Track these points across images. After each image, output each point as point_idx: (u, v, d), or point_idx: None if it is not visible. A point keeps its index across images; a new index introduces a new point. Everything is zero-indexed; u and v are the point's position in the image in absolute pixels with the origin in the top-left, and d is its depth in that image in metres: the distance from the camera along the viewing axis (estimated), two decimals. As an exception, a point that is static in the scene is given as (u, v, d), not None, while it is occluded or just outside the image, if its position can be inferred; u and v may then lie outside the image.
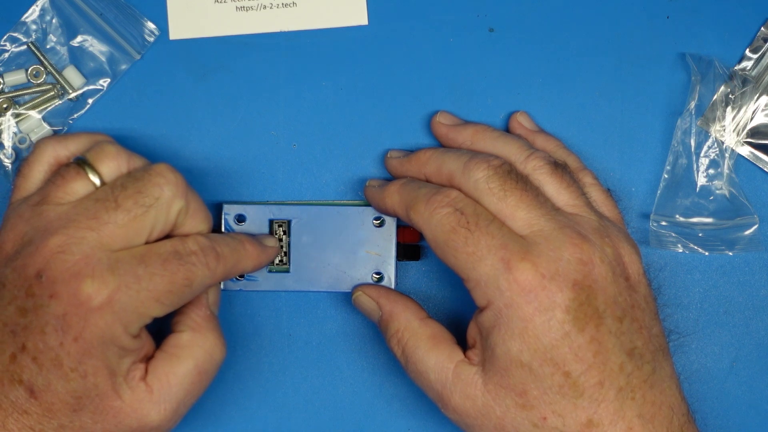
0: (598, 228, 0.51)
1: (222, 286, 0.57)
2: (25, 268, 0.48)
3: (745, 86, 0.58)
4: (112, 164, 0.51)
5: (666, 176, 0.58)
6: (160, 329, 0.52)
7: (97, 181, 0.50)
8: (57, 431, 0.48)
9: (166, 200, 0.50)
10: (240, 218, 0.57)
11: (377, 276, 0.57)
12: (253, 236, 0.55)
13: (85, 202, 0.49)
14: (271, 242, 0.56)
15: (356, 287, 0.57)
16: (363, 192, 0.57)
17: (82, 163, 0.51)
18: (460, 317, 0.59)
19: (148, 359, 0.51)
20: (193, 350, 0.51)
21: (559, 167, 0.53)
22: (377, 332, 0.59)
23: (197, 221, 0.52)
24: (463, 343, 0.52)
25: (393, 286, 0.57)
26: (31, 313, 0.48)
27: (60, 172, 0.51)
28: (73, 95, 0.59)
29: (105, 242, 0.48)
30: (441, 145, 0.58)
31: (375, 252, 0.57)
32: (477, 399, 0.50)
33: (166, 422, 0.50)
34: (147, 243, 0.50)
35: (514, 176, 0.51)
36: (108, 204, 0.49)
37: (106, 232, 0.48)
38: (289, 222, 0.57)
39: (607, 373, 0.48)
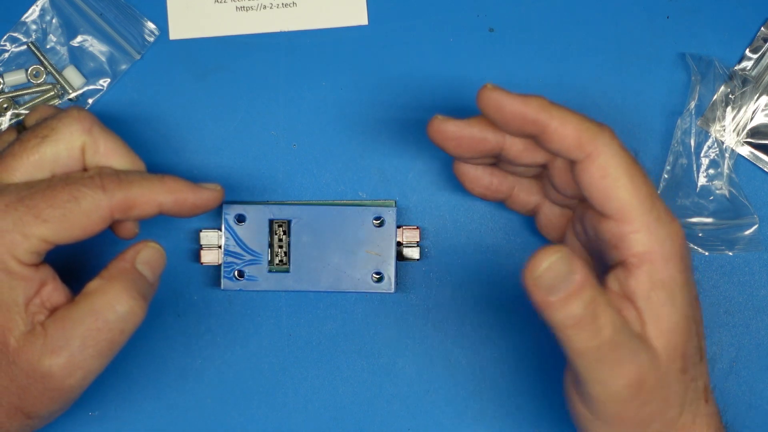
0: None
1: (222, 286, 0.57)
2: None
3: (745, 86, 0.58)
4: (37, 116, 0.53)
5: (666, 176, 0.58)
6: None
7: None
8: None
9: (64, 132, 0.50)
10: (240, 218, 0.57)
11: (377, 276, 0.57)
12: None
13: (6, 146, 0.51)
14: (212, 185, 0.52)
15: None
16: (483, 97, 0.48)
17: (18, 124, 0.53)
18: (460, 317, 0.59)
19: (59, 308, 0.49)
20: (95, 298, 0.48)
21: None
22: (377, 332, 0.59)
23: (113, 160, 0.51)
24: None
25: (393, 286, 0.57)
26: None
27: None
28: (73, 95, 0.59)
29: (3, 174, 0.49)
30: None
31: (375, 252, 0.57)
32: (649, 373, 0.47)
33: (59, 371, 0.47)
34: None
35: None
36: (13, 141, 0.50)
37: (4, 163, 0.49)
38: (289, 222, 0.57)
39: (703, 340, 0.50)
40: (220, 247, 0.57)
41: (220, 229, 0.57)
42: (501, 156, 0.51)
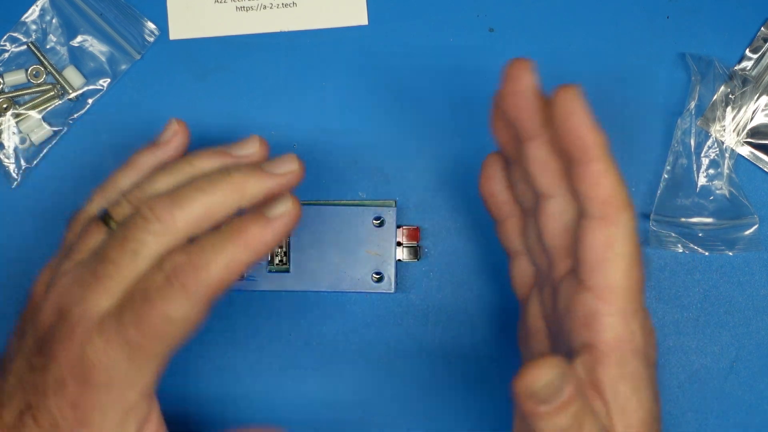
0: None
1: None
2: (41, 324, 0.46)
3: (745, 86, 0.58)
4: (126, 210, 0.47)
5: (666, 176, 0.58)
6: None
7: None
8: None
9: (154, 239, 0.45)
10: (240, 218, 0.57)
11: (377, 276, 0.57)
12: (259, 210, 0.46)
13: (90, 256, 0.47)
14: (281, 206, 0.46)
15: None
16: (560, 96, 0.45)
17: (104, 215, 0.48)
18: (460, 317, 0.59)
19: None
20: None
21: None
22: (377, 332, 0.59)
23: (190, 212, 0.46)
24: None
25: (393, 286, 0.57)
26: (38, 371, 0.45)
27: (85, 225, 0.48)
28: (73, 95, 0.59)
29: (100, 299, 0.45)
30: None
31: (375, 252, 0.57)
32: None
33: None
34: None
35: None
36: (102, 256, 0.46)
37: (101, 287, 0.45)
38: (289, 222, 0.57)
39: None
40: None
41: (220, 229, 0.57)
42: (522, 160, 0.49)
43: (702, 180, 0.58)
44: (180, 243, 0.45)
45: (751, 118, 0.58)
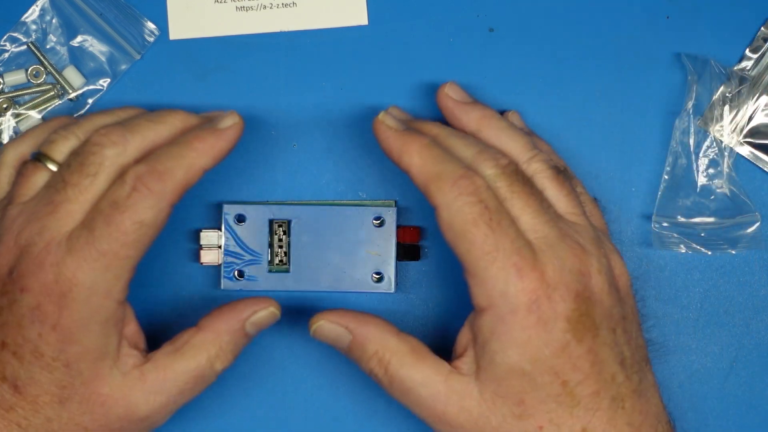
0: (594, 238, 0.51)
1: (222, 286, 0.57)
2: None
3: (743, 85, 0.58)
4: (64, 148, 0.51)
5: (666, 177, 0.58)
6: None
7: (54, 168, 0.51)
8: (44, 425, 0.48)
9: (111, 162, 0.49)
10: (240, 218, 0.57)
11: (377, 276, 0.57)
12: (207, 125, 0.52)
13: (41, 191, 0.50)
14: (228, 120, 0.52)
15: (313, 317, 0.53)
16: (373, 126, 0.52)
17: (39, 156, 0.51)
18: (459, 318, 0.59)
19: (142, 347, 0.51)
20: (199, 352, 0.51)
21: (560, 173, 0.52)
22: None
23: (142, 139, 0.51)
24: (441, 354, 0.52)
25: (393, 286, 0.57)
26: (6, 310, 0.48)
27: (20, 170, 0.52)
28: (73, 95, 0.59)
29: (64, 222, 0.48)
30: (446, 119, 0.56)
31: (375, 252, 0.57)
32: (473, 410, 0.50)
33: (154, 415, 0.50)
34: None
35: (520, 178, 0.50)
36: (58, 185, 0.49)
37: (63, 211, 0.48)
38: (289, 222, 0.57)
39: (602, 383, 0.49)
40: (220, 247, 0.57)
41: (220, 229, 0.57)
42: None
43: (702, 179, 0.58)
44: (132, 164, 0.49)
45: (751, 118, 0.58)
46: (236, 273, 0.57)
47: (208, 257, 0.57)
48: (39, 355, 0.48)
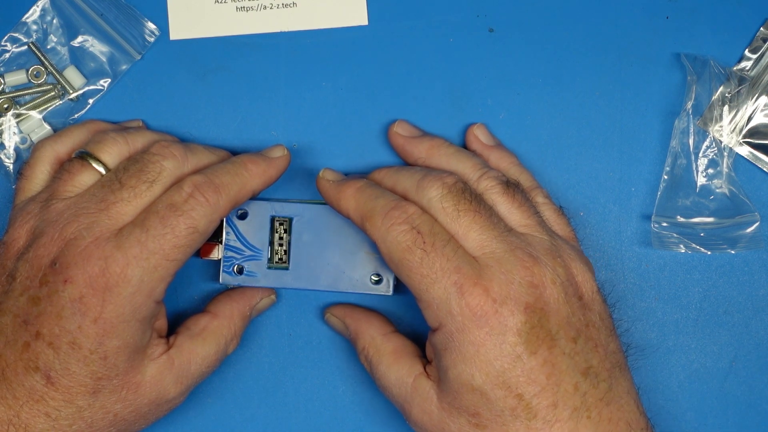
0: (550, 248, 0.51)
1: (221, 280, 0.57)
2: (39, 259, 0.49)
3: (743, 86, 0.58)
4: (113, 151, 0.53)
5: (666, 177, 0.58)
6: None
7: (101, 169, 0.52)
8: (75, 414, 0.49)
9: (169, 173, 0.51)
10: (242, 214, 0.57)
11: (376, 278, 0.57)
12: (257, 153, 0.55)
13: (92, 189, 0.51)
14: (278, 152, 0.56)
15: (326, 308, 0.58)
16: (316, 183, 0.55)
17: (85, 155, 0.53)
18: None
19: (165, 336, 0.53)
20: (218, 337, 0.54)
21: (511, 186, 0.53)
22: (377, 332, 0.59)
23: (199, 160, 0.53)
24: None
25: (391, 289, 0.57)
26: (45, 300, 0.49)
27: (65, 167, 0.53)
28: (73, 95, 0.59)
29: (115, 221, 0.50)
30: (398, 155, 0.58)
31: (375, 253, 0.57)
32: (433, 414, 0.51)
33: (179, 396, 0.53)
34: None
35: (468, 195, 0.51)
36: (113, 185, 0.51)
37: (115, 210, 0.50)
38: (290, 219, 0.57)
39: (560, 395, 0.49)
40: (220, 242, 0.57)
41: (221, 227, 0.57)
42: None
43: (701, 180, 0.58)
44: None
45: (751, 118, 0.58)
46: (236, 268, 0.57)
47: (209, 252, 0.57)
48: (77, 347, 0.48)
